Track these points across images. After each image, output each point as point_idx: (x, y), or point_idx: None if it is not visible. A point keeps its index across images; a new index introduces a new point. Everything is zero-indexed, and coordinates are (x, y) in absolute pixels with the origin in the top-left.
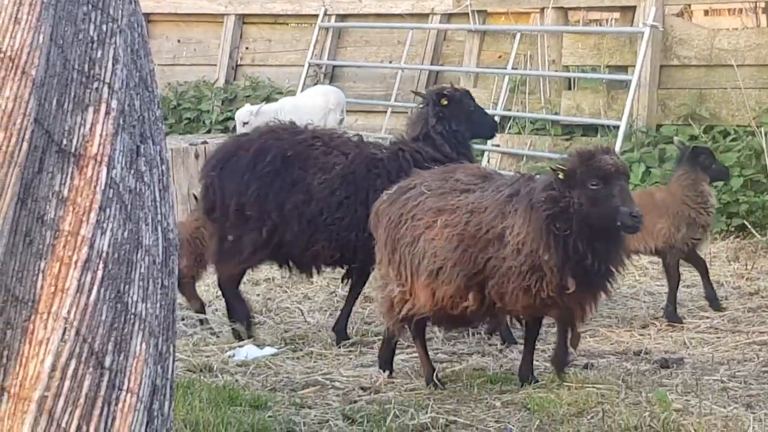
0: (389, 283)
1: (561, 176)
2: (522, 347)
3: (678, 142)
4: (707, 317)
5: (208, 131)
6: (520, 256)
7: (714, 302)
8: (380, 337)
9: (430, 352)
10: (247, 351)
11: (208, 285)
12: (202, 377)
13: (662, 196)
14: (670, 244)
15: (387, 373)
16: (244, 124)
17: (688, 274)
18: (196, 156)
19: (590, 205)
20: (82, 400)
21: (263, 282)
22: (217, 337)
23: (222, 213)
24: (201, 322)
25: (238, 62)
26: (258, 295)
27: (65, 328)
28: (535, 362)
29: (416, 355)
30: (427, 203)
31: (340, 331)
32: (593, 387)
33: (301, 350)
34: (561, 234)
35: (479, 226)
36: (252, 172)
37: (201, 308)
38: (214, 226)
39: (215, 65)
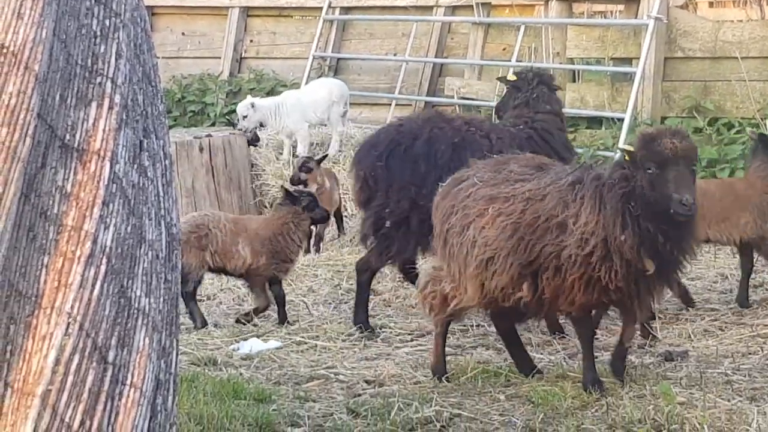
0: (443, 278)
1: (626, 158)
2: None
3: (751, 132)
4: (712, 310)
5: (213, 124)
6: (588, 246)
7: (744, 303)
8: (384, 330)
9: (433, 346)
10: (251, 344)
11: (212, 279)
12: (206, 371)
13: (743, 188)
14: (761, 236)
15: (444, 378)
16: (244, 117)
17: (692, 267)
18: (201, 149)
19: (649, 189)
20: (85, 395)
21: None
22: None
23: (386, 201)
24: (245, 320)
25: (243, 55)
26: None
27: (69, 323)
28: (539, 355)
29: (420, 348)
30: (478, 193)
31: None
32: None
33: (305, 343)
34: (635, 214)
35: (537, 215)
36: (427, 161)
37: (264, 308)
38: (368, 212)
39: (220, 58)
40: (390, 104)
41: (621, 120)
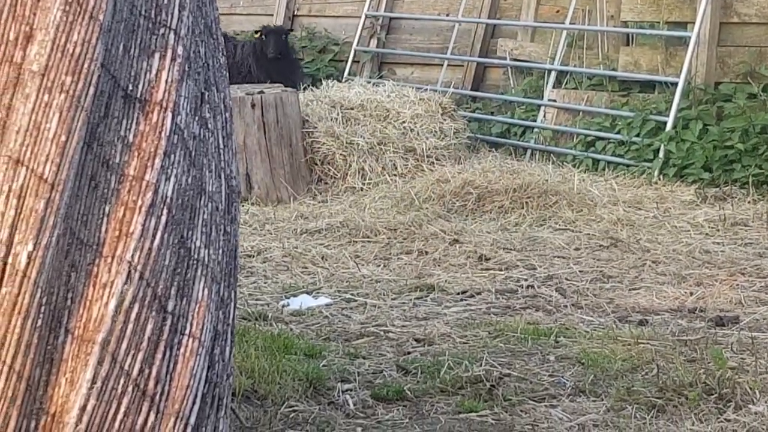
0: None
1: None
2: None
3: None
4: (763, 276)
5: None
6: None
7: None
8: (433, 291)
9: (482, 306)
10: (302, 300)
11: (262, 233)
12: (256, 325)
13: None
14: None
15: None
16: None
17: (744, 233)
18: (253, 105)
19: None
20: (144, 344)
21: (315, 233)
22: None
23: None
24: None
25: (295, 12)
26: (313, 246)
27: (129, 272)
28: (589, 318)
29: (470, 308)
30: None
31: None
32: (648, 343)
33: (355, 301)
34: None
35: None
36: None
37: None
38: None
39: (272, 15)
40: (442, 65)
41: (674, 84)
